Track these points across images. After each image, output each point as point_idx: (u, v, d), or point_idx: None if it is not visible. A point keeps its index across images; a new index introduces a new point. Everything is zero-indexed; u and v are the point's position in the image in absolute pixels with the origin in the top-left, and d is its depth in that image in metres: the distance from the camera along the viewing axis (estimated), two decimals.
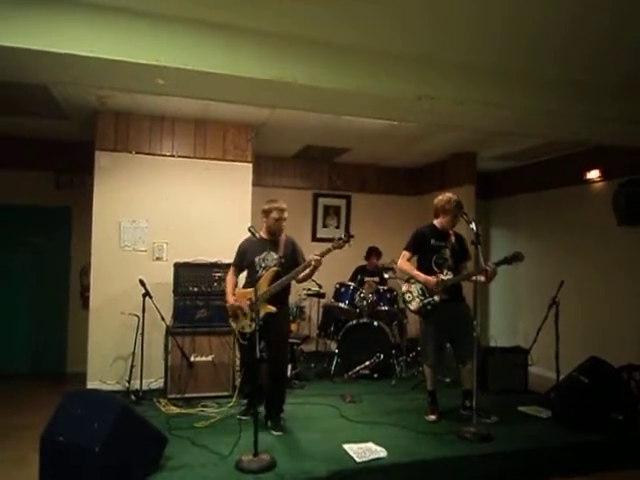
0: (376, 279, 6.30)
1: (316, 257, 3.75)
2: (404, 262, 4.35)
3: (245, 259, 4.09)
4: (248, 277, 4.08)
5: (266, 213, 4.03)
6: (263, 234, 4.03)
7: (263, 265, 3.96)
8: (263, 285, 3.84)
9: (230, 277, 4.18)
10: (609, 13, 2.93)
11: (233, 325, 4.05)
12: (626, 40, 3.27)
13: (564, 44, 3.34)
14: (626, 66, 3.66)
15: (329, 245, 3.78)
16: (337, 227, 7.40)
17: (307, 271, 3.87)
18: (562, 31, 3.16)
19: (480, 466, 3.58)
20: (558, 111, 3.94)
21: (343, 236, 3.81)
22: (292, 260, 3.98)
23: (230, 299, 4.02)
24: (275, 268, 3.87)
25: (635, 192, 5.24)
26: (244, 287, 4.08)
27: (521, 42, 3.33)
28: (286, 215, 4.04)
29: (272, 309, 3.78)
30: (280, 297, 3.93)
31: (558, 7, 2.86)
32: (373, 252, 6.58)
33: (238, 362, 4.53)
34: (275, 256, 3.92)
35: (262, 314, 3.74)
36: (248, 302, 3.86)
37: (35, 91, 4.36)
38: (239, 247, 4.18)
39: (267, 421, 3.97)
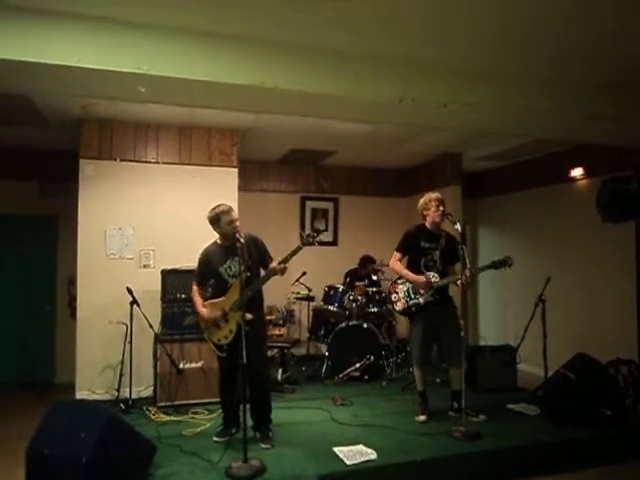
0: (365, 282, 6.31)
1: (278, 267, 3.62)
2: (395, 262, 4.38)
3: (208, 271, 3.85)
4: (216, 288, 3.84)
5: (215, 221, 3.75)
6: (220, 241, 3.86)
7: (230, 273, 3.75)
8: (234, 293, 3.67)
9: (196, 290, 3.90)
10: (597, 15, 2.97)
11: (207, 336, 3.87)
12: (618, 40, 3.31)
13: (553, 44, 3.37)
14: (618, 65, 3.71)
15: (298, 243, 3.59)
16: (325, 230, 7.40)
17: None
18: (551, 31, 3.19)
19: (470, 465, 3.60)
20: (546, 111, 3.98)
21: (311, 232, 3.59)
22: (259, 259, 3.80)
23: (204, 311, 3.78)
24: (245, 274, 3.57)
25: (618, 189, 5.28)
26: (211, 298, 3.85)
27: (507, 42, 3.36)
28: (236, 214, 3.78)
29: (248, 316, 3.49)
30: (254, 302, 3.73)
31: (547, 6, 2.89)
32: (368, 261, 6.55)
33: None
34: (241, 261, 3.55)
35: (237, 323, 3.58)
36: (220, 312, 3.72)
37: (17, 101, 4.34)
38: (199, 261, 3.92)
39: (255, 432, 3.83)
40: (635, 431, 4.18)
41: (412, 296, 4.28)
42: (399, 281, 4.42)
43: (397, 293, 4.39)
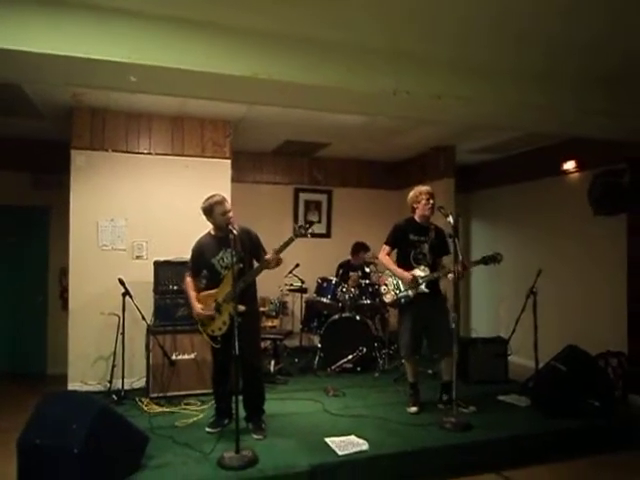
0: (359, 273, 6.32)
1: (272, 257, 3.63)
2: (383, 256, 4.39)
3: (201, 262, 3.84)
4: (209, 280, 3.83)
5: (209, 212, 3.75)
6: (214, 232, 3.85)
7: (223, 265, 3.75)
8: (227, 285, 3.66)
9: (189, 281, 3.89)
10: (592, 10, 2.96)
11: (201, 329, 3.83)
12: (613, 35, 3.30)
13: (547, 39, 3.36)
14: (613, 60, 3.70)
15: (290, 235, 3.59)
16: (318, 222, 7.39)
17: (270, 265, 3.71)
18: (546, 26, 3.18)
19: (460, 455, 3.64)
20: (541, 106, 3.97)
21: (304, 224, 3.61)
22: (252, 251, 3.81)
23: (197, 307, 3.77)
24: (237, 266, 3.57)
25: (609, 183, 5.30)
26: (205, 289, 3.84)
27: (502, 38, 3.35)
28: (229, 205, 3.78)
29: (241, 308, 3.50)
30: (247, 294, 3.73)
31: (542, 2, 2.88)
32: (360, 248, 6.54)
33: None
34: (233, 252, 3.55)
35: (230, 314, 3.57)
36: (214, 304, 3.73)
37: (8, 90, 4.29)
38: (192, 252, 3.92)
39: (248, 423, 3.84)
40: (624, 422, 4.24)
41: (401, 288, 4.29)
42: (388, 273, 4.43)
43: (386, 285, 4.40)
